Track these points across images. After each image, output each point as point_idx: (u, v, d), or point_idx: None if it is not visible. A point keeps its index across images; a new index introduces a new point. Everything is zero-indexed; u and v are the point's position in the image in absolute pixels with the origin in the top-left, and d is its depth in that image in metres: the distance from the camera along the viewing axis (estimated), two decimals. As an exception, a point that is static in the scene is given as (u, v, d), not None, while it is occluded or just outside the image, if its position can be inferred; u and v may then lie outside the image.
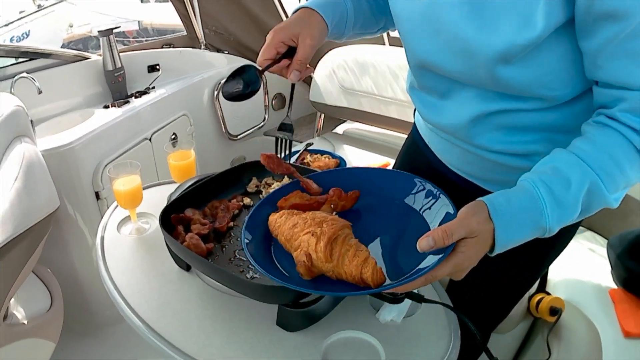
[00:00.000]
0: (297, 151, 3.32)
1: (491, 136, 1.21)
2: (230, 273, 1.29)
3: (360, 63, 3.42)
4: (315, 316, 1.30)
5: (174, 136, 3.30)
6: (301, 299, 1.24)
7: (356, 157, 3.46)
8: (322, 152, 3.30)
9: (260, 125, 4.13)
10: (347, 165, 3.15)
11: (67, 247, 2.71)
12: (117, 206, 1.90)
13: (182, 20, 3.57)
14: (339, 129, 3.92)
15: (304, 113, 4.41)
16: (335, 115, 3.73)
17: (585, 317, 2.00)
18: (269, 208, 1.26)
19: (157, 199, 1.84)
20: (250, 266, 1.37)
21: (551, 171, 0.98)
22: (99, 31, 2.99)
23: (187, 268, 1.51)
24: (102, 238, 1.71)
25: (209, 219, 1.58)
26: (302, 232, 1.11)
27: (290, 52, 1.25)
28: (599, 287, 2.13)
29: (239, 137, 3.99)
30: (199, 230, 1.50)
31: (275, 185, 1.73)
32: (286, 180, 1.75)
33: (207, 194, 1.66)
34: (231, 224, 1.58)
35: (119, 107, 3.02)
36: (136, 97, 3.16)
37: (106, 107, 3.04)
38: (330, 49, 3.58)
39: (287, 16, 3.74)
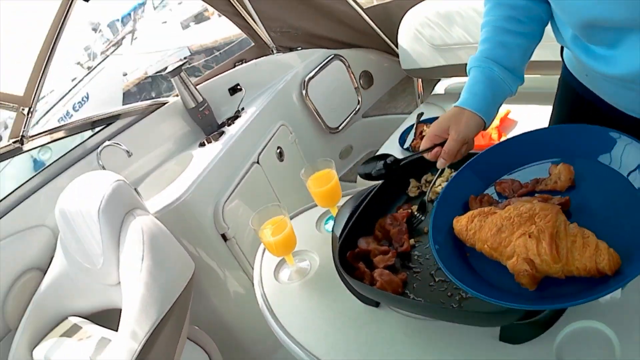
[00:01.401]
0: (411, 126, 3.05)
1: None
2: (441, 307, 1.18)
3: (444, 15, 3.09)
4: (548, 322, 1.11)
5: (279, 150, 3.09)
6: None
7: None
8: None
9: (356, 109, 3.86)
10: None
11: (209, 298, 2.59)
12: (264, 250, 1.72)
13: (245, 32, 3.40)
14: (439, 89, 3.61)
15: (393, 83, 4.16)
16: (434, 76, 3.44)
17: None
18: (448, 210, 1.17)
19: (305, 230, 1.66)
20: (456, 286, 1.15)
21: None
22: (168, 73, 2.80)
23: (377, 304, 1.34)
24: (264, 295, 1.54)
25: (385, 243, 1.40)
26: (513, 236, 0.98)
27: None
28: None
29: (340, 127, 3.76)
30: (385, 262, 1.30)
31: (441, 182, 1.53)
32: (448, 172, 1.56)
33: (371, 216, 1.46)
34: (412, 241, 1.38)
35: (215, 140, 2.83)
36: (229, 125, 2.97)
37: (202, 144, 2.86)
38: (405, 12, 3.29)
39: None
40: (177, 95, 2.90)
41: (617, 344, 1.04)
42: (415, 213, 1.45)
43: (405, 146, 2.90)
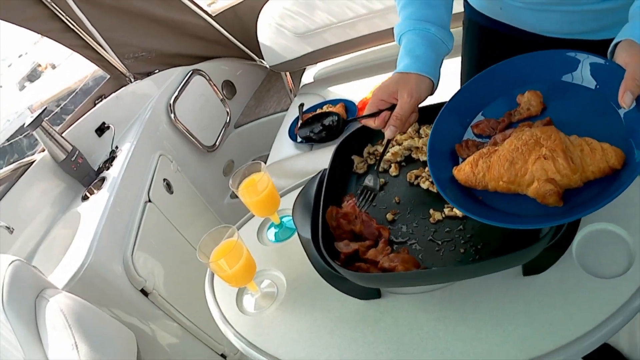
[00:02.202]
0: (297, 119, 2.95)
1: None
2: (473, 264, 1.07)
3: (303, 2, 3.05)
4: (565, 240, 1.11)
5: (166, 182, 2.83)
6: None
7: (350, 91, 3.10)
8: (321, 105, 2.96)
9: (227, 121, 3.67)
10: (355, 105, 2.84)
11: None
12: (212, 285, 1.50)
13: (99, 65, 3.14)
14: (307, 79, 3.57)
15: (256, 86, 4.07)
16: (303, 65, 3.40)
17: None
18: (441, 164, 1.12)
19: (254, 248, 1.46)
20: (464, 240, 1.14)
21: None
22: (28, 126, 2.43)
23: (379, 295, 1.21)
24: (237, 334, 1.31)
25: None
26: (528, 164, 0.99)
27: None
28: None
29: (217, 144, 3.54)
30: (382, 252, 1.17)
31: (392, 147, 1.42)
32: (401, 137, 1.44)
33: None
34: (389, 215, 1.28)
35: (98, 189, 2.51)
36: (107, 169, 2.65)
37: (85, 198, 2.53)
38: (258, 11, 3.23)
39: (192, 1, 3.38)
40: (43, 150, 2.55)
41: (627, 237, 1.11)
42: (359, 196, 1.30)
43: (298, 140, 2.80)
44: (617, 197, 0.87)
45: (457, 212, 1.17)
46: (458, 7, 1.64)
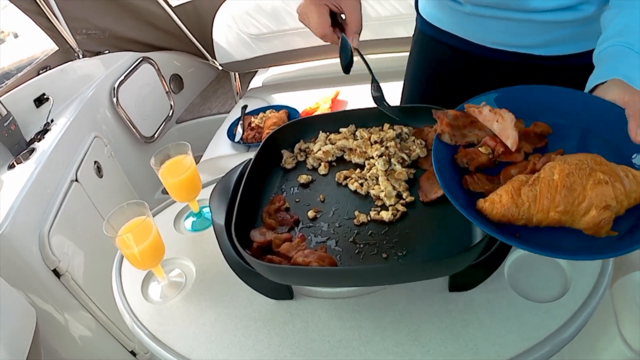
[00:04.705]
0: (237, 119, 2.83)
1: None
2: (401, 265, 0.98)
3: (260, 5, 2.97)
4: (496, 260, 1.01)
5: (96, 165, 2.63)
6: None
7: (296, 100, 2.99)
8: (264, 109, 2.84)
9: (169, 115, 3.49)
10: (298, 112, 2.74)
11: (54, 350, 2.09)
12: (120, 266, 1.33)
13: (49, 35, 2.91)
14: (256, 83, 3.47)
15: (204, 85, 3.90)
16: (252, 67, 3.29)
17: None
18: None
19: (163, 233, 1.25)
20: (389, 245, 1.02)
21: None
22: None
23: (291, 296, 1.09)
24: (138, 322, 1.15)
25: (282, 230, 1.12)
26: (586, 190, 0.84)
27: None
28: None
29: (155, 136, 3.36)
30: (296, 248, 1.03)
31: (320, 146, 1.31)
32: (323, 136, 1.34)
33: (252, 203, 1.18)
34: (311, 213, 1.15)
35: (26, 160, 2.31)
36: (39, 140, 2.44)
37: (11, 166, 2.31)
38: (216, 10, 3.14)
39: None
40: (-26, 111, 2.33)
41: (564, 263, 1.05)
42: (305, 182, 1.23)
43: (236, 140, 2.68)
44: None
45: (384, 216, 1.06)
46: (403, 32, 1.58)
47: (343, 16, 1.16)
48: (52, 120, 2.57)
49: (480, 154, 0.96)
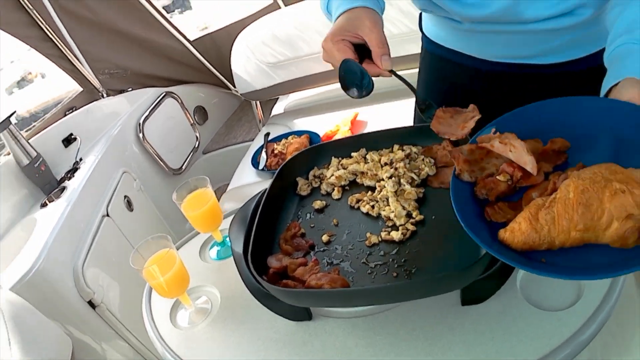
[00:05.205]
0: (261, 147, 2.85)
1: (540, 4, 1.14)
2: (405, 284, 1.00)
3: (276, 34, 3.02)
4: (505, 270, 1.02)
5: (126, 199, 2.71)
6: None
7: (317, 124, 3.03)
8: (286, 135, 2.88)
9: (196, 146, 3.57)
10: (319, 137, 2.74)
11: None
12: (150, 295, 1.39)
13: (72, 77, 3.03)
14: (278, 109, 3.52)
15: (228, 114, 3.97)
16: (272, 95, 3.33)
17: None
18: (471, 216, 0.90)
19: (189, 263, 1.32)
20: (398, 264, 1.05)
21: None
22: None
23: (310, 317, 1.10)
24: (167, 347, 1.19)
25: (297, 255, 1.15)
26: (604, 203, 0.80)
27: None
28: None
29: (183, 167, 3.44)
30: (310, 271, 1.06)
31: (332, 171, 1.34)
32: (336, 162, 1.38)
33: (268, 231, 1.22)
34: (325, 237, 1.18)
35: (57, 198, 2.40)
36: (69, 179, 2.54)
37: (44, 205, 2.41)
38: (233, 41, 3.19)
39: (169, 22, 3.34)
40: (8, 154, 2.44)
41: None
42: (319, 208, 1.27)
43: (260, 167, 2.72)
44: None
45: (394, 236, 1.09)
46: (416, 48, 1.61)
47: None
48: (80, 159, 2.66)
49: (498, 182, 0.93)
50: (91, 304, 2.13)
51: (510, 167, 0.92)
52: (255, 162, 2.78)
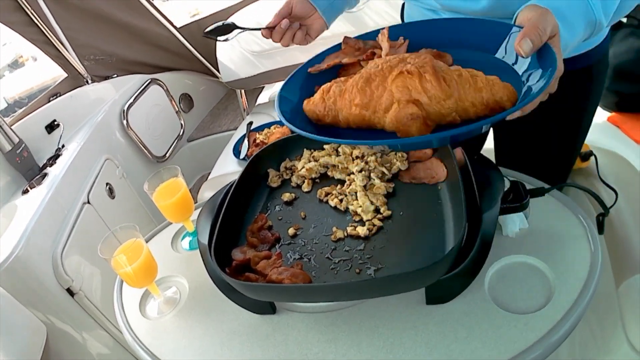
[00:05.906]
0: (243, 136, 2.82)
1: None
2: (366, 281, 0.97)
3: (261, 22, 2.91)
4: (472, 270, 1.00)
5: (108, 186, 2.68)
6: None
7: None
8: (269, 125, 2.83)
9: (180, 134, 3.54)
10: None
11: None
12: (121, 285, 1.39)
13: (57, 62, 2.97)
14: (263, 98, 3.55)
15: (214, 103, 3.93)
16: (256, 84, 3.28)
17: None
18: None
19: (161, 253, 1.37)
20: (362, 260, 1.04)
21: None
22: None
23: (274, 310, 1.10)
24: (136, 338, 1.20)
25: (263, 248, 1.15)
26: (387, 81, 0.74)
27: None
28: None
29: (167, 155, 3.40)
30: (272, 265, 1.05)
31: (304, 163, 1.34)
32: (308, 154, 1.38)
33: (236, 221, 1.22)
34: (291, 230, 1.18)
35: (39, 184, 2.37)
36: (51, 165, 2.50)
37: (25, 191, 2.38)
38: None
39: (155, 8, 3.26)
40: (-12, 140, 2.40)
41: (547, 271, 1.02)
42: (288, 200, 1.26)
43: (241, 157, 2.69)
44: (497, 120, 0.71)
45: (360, 231, 1.08)
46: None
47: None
48: (63, 146, 2.63)
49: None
50: (70, 291, 2.11)
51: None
52: (237, 152, 2.75)
